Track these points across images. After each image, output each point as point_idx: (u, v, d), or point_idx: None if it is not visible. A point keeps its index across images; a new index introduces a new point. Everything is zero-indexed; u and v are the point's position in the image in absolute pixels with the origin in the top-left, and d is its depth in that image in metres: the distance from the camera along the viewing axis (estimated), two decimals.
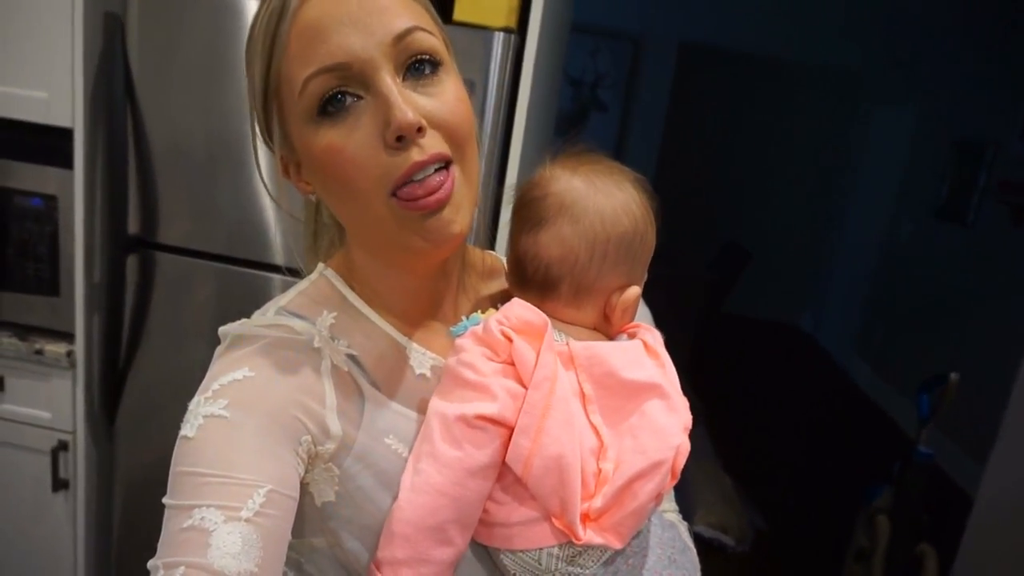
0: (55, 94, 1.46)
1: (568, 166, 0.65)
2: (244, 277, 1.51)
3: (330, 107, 0.55)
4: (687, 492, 2.70)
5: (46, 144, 1.50)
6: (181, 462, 0.53)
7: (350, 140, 0.55)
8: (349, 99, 0.55)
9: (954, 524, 2.13)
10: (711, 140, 5.66)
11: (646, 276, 0.68)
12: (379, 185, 0.55)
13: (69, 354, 1.56)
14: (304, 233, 0.72)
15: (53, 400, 1.60)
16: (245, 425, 0.53)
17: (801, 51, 5.21)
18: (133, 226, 1.50)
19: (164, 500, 0.52)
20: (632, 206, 0.64)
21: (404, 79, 0.56)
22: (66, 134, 1.47)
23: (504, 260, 0.75)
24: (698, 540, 2.80)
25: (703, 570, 0.70)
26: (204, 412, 0.54)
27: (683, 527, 0.74)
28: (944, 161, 4.20)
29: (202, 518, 0.49)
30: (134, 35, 1.42)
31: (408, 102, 0.54)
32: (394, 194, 0.56)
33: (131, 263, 1.52)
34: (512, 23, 1.40)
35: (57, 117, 1.47)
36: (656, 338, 0.66)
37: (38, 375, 1.59)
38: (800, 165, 5.73)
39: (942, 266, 4.15)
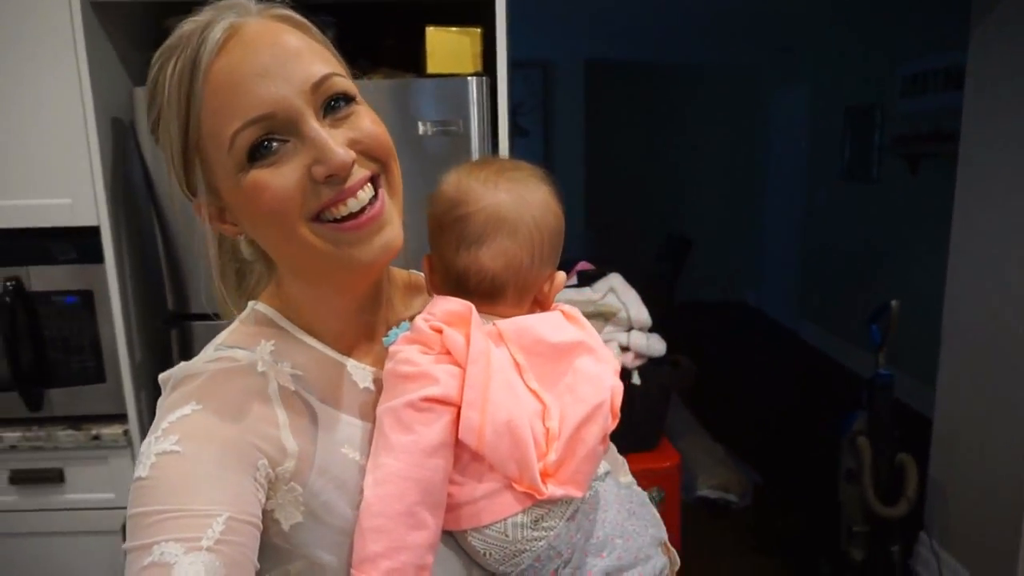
0: (78, 198, 1.59)
1: (484, 178, 0.66)
2: None
3: (259, 153, 0.56)
4: (686, 465, 2.92)
5: (75, 243, 1.62)
6: (136, 503, 0.52)
7: (277, 176, 0.56)
8: (276, 143, 0.56)
9: (920, 438, 2.43)
10: (631, 146, 6.05)
11: None
12: (303, 212, 0.57)
13: (125, 433, 1.67)
14: (222, 275, 0.70)
15: (115, 480, 1.70)
16: (199, 456, 0.53)
17: (698, 53, 5.67)
18: (171, 302, 1.64)
19: (124, 546, 0.51)
20: (551, 202, 0.68)
21: (323, 117, 0.58)
22: (93, 231, 1.60)
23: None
24: (705, 502, 3.04)
25: (715, 530, 0.79)
26: (156, 450, 0.53)
27: (638, 489, 0.79)
28: (842, 127, 4.65)
29: (162, 553, 0.48)
30: (145, 135, 1.58)
31: (338, 143, 0.57)
32: (318, 219, 0.58)
33: (174, 336, 1.66)
34: (479, 67, 1.62)
35: (82, 218, 1.60)
36: (572, 308, 0.70)
37: (97, 460, 1.68)
38: (716, 155, 6.18)
39: (857, 221, 4.58)
